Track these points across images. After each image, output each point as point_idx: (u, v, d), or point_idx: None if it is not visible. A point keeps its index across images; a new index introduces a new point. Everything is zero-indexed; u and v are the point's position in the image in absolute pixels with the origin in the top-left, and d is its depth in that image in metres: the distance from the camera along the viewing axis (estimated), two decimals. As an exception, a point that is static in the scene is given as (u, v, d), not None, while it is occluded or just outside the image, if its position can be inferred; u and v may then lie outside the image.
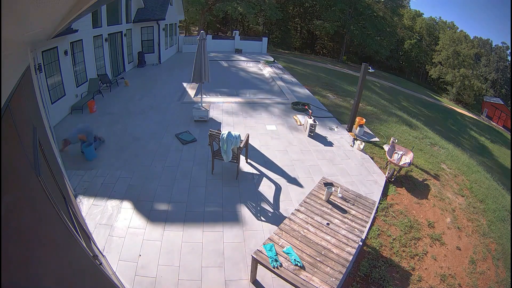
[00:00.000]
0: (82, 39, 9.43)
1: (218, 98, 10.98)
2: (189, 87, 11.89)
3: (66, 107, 8.63)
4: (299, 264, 3.17)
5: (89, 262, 2.28)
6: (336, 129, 8.62)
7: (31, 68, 3.87)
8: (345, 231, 3.72)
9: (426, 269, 4.43)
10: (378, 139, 8.28)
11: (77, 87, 9.38)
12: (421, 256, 4.63)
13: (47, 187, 2.01)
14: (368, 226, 4.45)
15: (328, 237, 3.59)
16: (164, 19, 15.89)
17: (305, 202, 4.20)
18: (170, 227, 4.57)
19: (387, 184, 6.22)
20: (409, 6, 42.93)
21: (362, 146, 7.40)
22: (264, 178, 5.99)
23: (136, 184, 5.57)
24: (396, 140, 7.20)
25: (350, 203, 4.27)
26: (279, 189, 5.68)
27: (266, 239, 3.56)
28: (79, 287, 2.02)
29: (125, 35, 13.54)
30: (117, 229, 4.48)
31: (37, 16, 2.00)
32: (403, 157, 6.47)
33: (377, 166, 6.81)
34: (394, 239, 4.84)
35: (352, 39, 35.08)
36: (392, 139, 7.11)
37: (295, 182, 5.94)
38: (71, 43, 8.77)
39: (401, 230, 5.04)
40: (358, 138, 8.03)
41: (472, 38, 40.13)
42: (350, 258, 3.35)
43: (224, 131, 5.65)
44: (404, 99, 27.21)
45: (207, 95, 11.16)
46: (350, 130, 8.45)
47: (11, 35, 1.88)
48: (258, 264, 3.37)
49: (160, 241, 4.28)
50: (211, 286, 3.69)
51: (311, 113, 8.62)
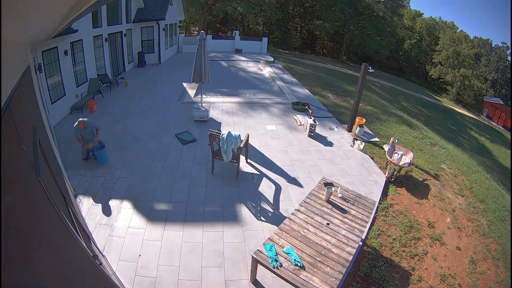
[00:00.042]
0: (82, 39, 9.44)
1: (218, 98, 10.98)
2: (189, 87, 11.89)
3: (66, 107, 8.63)
4: (299, 264, 3.17)
5: (89, 262, 2.28)
6: (336, 129, 8.62)
7: (31, 68, 3.87)
8: (345, 231, 3.72)
9: (426, 269, 4.43)
10: (378, 139, 8.28)
11: (77, 87, 9.39)
12: (421, 256, 4.63)
13: (47, 187, 2.01)
14: (368, 226, 4.45)
15: (328, 237, 3.59)
16: (164, 19, 15.89)
17: (305, 202, 4.20)
18: (170, 227, 4.57)
19: (387, 184, 6.22)
20: (409, 6, 42.99)
21: (362, 146, 7.40)
22: (264, 178, 5.99)
23: (136, 184, 5.57)
24: (396, 140, 7.20)
25: (350, 203, 4.27)
26: (279, 189, 5.68)
27: (266, 239, 3.56)
28: (79, 287, 2.02)
29: (125, 35, 13.54)
30: (117, 229, 4.48)
31: (37, 16, 2.00)
32: (403, 157, 6.47)
33: (377, 166, 6.81)
34: (394, 239, 4.84)
35: (352, 39, 35.09)
36: (392, 139, 7.11)
37: (295, 182, 5.94)
38: (71, 43, 8.78)
39: (401, 230, 5.04)
40: (358, 138, 8.03)
41: (472, 38, 40.14)
42: (350, 258, 3.35)
43: (224, 131, 5.65)
44: (404, 99, 27.21)
45: (207, 95, 11.16)
46: (350, 130, 8.45)
47: (11, 35, 1.89)
48: (258, 264, 3.37)
49: (160, 241, 4.28)
50: (211, 286, 3.69)
51: (311, 113, 8.62)
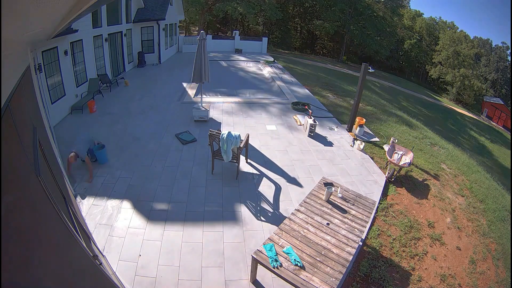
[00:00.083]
0: (82, 39, 9.44)
1: (218, 98, 10.98)
2: (189, 87, 11.89)
3: (66, 107, 8.63)
4: (299, 264, 3.16)
5: (89, 262, 2.28)
6: (336, 129, 8.62)
7: (31, 68, 3.87)
8: (345, 231, 3.72)
9: (426, 269, 4.43)
10: (378, 139, 8.28)
11: (77, 87, 9.38)
12: (421, 256, 4.63)
13: (47, 187, 2.01)
14: (368, 226, 4.45)
15: (328, 237, 3.59)
16: (164, 19, 15.89)
17: (305, 202, 4.20)
18: (170, 227, 4.57)
19: (387, 184, 6.22)
20: (409, 6, 43.01)
21: (362, 146, 7.40)
22: (264, 178, 5.99)
23: (136, 184, 5.57)
24: (396, 140, 7.20)
25: (350, 203, 4.27)
26: (279, 189, 5.68)
27: (266, 239, 3.56)
28: (79, 287, 2.02)
29: (125, 35, 13.54)
30: (117, 229, 4.48)
31: (37, 16, 2.00)
32: (403, 157, 6.47)
33: (377, 166, 6.81)
34: (394, 239, 4.84)
35: (352, 39, 35.10)
36: (392, 139, 7.11)
37: (295, 182, 5.94)
38: (71, 43, 8.78)
39: (401, 230, 5.04)
40: (358, 138, 8.03)
41: (472, 38, 40.16)
42: (350, 258, 3.35)
43: (224, 131, 5.65)
44: (404, 99, 27.22)
45: (207, 95, 11.16)
46: (350, 130, 8.45)
47: (11, 35, 1.88)
48: (258, 264, 3.37)
49: (160, 241, 4.28)
50: (211, 286, 3.69)
51: (311, 113, 8.62)
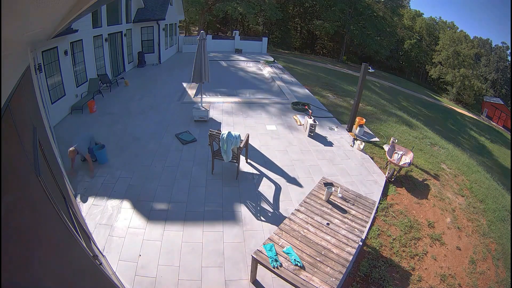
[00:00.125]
0: (82, 39, 9.44)
1: (218, 98, 10.98)
2: (189, 87, 11.89)
3: (66, 107, 8.63)
4: (299, 264, 3.16)
5: (89, 262, 2.28)
6: (336, 129, 8.62)
7: (31, 68, 3.87)
8: (345, 231, 3.72)
9: (426, 269, 4.43)
10: (378, 139, 8.28)
11: (77, 87, 9.38)
12: (421, 256, 4.63)
13: (47, 187, 2.01)
14: (368, 226, 4.45)
15: (328, 237, 3.59)
16: (164, 19, 15.89)
17: (305, 202, 4.20)
18: (170, 227, 4.57)
19: (387, 184, 6.22)
20: (409, 6, 43.01)
21: (362, 146, 7.40)
22: (264, 178, 5.99)
23: (136, 184, 5.57)
24: (396, 140, 7.20)
25: (350, 203, 4.27)
26: (279, 189, 5.68)
27: (266, 239, 3.56)
28: (79, 287, 2.02)
29: (125, 35, 13.54)
30: (117, 229, 4.48)
31: (37, 16, 2.00)
32: (403, 157, 6.47)
33: (377, 166, 6.81)
34: (394, 239, 4.84)
35: (352, 39, 35.10)
36: (392, 139, 7.11)
37: (295, 182, 5.94)
38: (71, 43, 8.78)
39: (401, 230, 5.04)
40: (358, 138, 8.03)
41: (472, 38, 40.17)
42: (350, 258, 3.35)
43: (224, 131, 5.65)
44: (404, 99, 27.22)
45: (207, 95, 11.16)
46: (350, 130, 8.45)
47: (11, 35, 1.88)
48: (258, 264, 3.37)
49: (160, 241, 4.28)
50: (211, 286, 3.69)
51: (311, 113, 8.62)
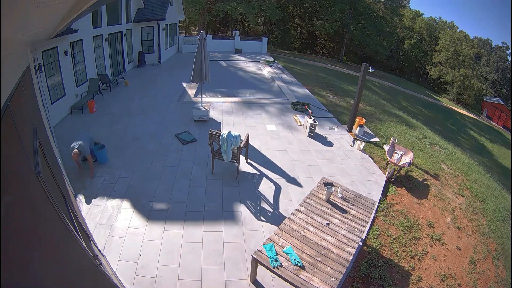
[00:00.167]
0: (82, 39, 9.44)
1: (218, 98, 10.98)
2: (189, 87, 11.89)
3: (66, 107, 8.63)
4: (299, 264, 3.16)
5: (89, 262, 2.28)
6: (336, 129, 8.61)
7: (31, 68, 3.87)
8: (345, 231, 3.72)
9: (426, 269, 4.43)
10: (378, 139, 8.28)
11: (77, 87, 9.38)
12: (421, 256, 4.63)
13: (47, 187, 2.01)
14: (368, 226, 4.45)
15: (328, 237, 3.59)
16: (164, 19, 15.89)
17: (305, 202, 4.20)
18: (170, 227, 4.57)
19: (387, 184, 6.22)
20: (409, 6, 43.01)
21: (362, 146, 7.40)
22: (264, 178, 5.99)
23: (136, 184, 5.57)
24: (396, 140, 7.20)
25: (350, 203, 4.27)
26: (279, 189, 5.68)
27: (266, 239, 3.56)
28: (79, 287, 2.02)
29: (125, 35, 13.54)
30: (117, 229, 4.48)
31: (37, 16, 2.00)
32: (403, 157, 6.47)
33: (377, 166, 6.81)
34: (394, 239, 4.84)
35: (352, 39, 35.11)
36: (392, 139, 7.11)
37: (295, 182, 5.94)
38: (71, 43, 8.78)
39: (401, 230, 5.04)
40: (358, 138, 8.03)
41: (472, 38, 40.18)
42: (350, 258, 3.35)
43: (224, 131, 5.65)
44: (404, 99, 27.22)
45: (207, 95, 11.16)
46: (350, 130, 8.45)
47: (11, 35, 1.88)
48: (258, 264, 3.37)
49: (160, 241, 4.28)
50: (211, 286, 3.69)
51: (311, 113, 8.61)
